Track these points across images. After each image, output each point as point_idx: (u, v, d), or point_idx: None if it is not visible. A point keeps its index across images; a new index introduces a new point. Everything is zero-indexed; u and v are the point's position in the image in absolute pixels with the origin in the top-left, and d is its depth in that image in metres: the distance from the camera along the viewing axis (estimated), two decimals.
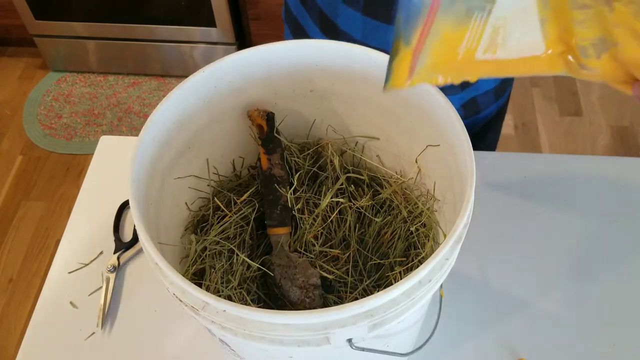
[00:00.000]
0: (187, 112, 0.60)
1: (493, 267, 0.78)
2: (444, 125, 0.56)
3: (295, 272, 0.62)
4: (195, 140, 0.63)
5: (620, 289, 0.76)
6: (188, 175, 0.64)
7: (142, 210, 0.52)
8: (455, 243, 0.49)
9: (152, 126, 0.56)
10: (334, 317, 0.44)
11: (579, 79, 2.16)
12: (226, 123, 0.66)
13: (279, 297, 0.62)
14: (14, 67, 2.27)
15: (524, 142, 1.97)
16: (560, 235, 0.81)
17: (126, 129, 2.06)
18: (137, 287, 0.79)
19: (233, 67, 0.61)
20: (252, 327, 0.45)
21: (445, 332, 0.72)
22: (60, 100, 2.15)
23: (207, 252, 0.63)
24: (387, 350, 0.54)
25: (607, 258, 0.79)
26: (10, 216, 1.83)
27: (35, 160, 1.97)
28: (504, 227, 0.82)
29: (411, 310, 0.48)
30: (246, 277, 0.64)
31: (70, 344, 0.74)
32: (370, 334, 0.47)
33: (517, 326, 0.73)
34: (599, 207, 0.83)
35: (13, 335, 1.59)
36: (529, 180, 0.86)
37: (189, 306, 0.47)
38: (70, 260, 0.81)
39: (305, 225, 0.65)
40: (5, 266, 1.72)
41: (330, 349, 0.48)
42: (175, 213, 0.63)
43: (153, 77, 2.21)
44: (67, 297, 0.78)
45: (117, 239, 0.82)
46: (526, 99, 2.09)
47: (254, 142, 0.70)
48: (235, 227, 0.66)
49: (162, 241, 0.57)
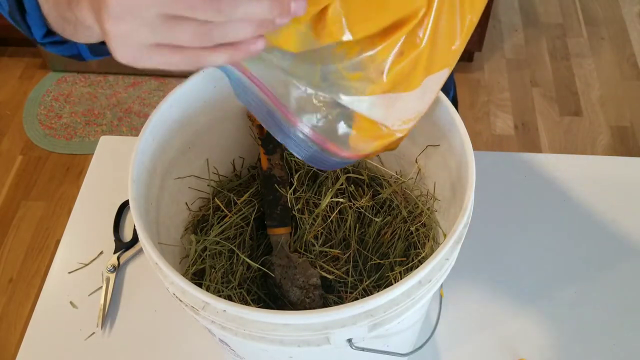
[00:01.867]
0: (187, 112, 0.60)
1: (493, 267, 0.78)
2: (444, 126, 0.56)
3: (295, 273, 0.62)
4: (196, 140, 0.63)
5: (620, 289, 0.76)
6: (188, 176, 0.64)
7: (142, 210, 0.52)
8: (455, 243, 0.49)
9: (152, 126, 0.56)
10: (334, 317, 0.44)
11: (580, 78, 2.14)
12: (226, 123, 0.66)
13: (279, 297, 0.62)
14: (14, 67, 2.26)
15: (524, 142, 1.97)
16: (560, 235, 0.81)
17: (126, 129, 2.06)
18: (137, 287, 0.79)
19: None
20: (252, 327, 0.45)
21: (445, 332, 0.72)
22: (60, 100, 2.15)
23: (207, 252, 0.63)
24: (387, 350, 0.54)
25: (607, 258, 0.79)
26: (10, 216, 1.83)
27: (35, 160, 1.97)
28: (504, 227, 0.82)
29: (411, 310, 0.48)
30: (246, 277, 0.64)
31: (70, 344, 0.74)
32: (370, 334, 0.47)
33: (517, 326, 0.73)
34: (599, 207, 0.83)
35: (13, 335, 1.59)
36: (529, 180, 0.86)
37: (189, 306, 0.47)
38: (70, 260, 0.81)
39: (305, 226, 0.65)
40: (5, 266, 1.72)
41: (330, 349, 0.48)
42: (175, 213, 0.63)
43: (153, 77, 2.21)
44: (67, 297, 0.78)
45: (117, 239, 0.82)
46: (526, 99, 2.09)
47: (254, 143, 0.70)
48: (235, 227, 0.66)
49: (162, 241, 0.57)
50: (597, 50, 2.23)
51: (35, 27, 0.50)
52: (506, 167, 0.88)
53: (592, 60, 2.20)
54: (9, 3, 0.50)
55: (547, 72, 2.17)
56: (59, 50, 0.54)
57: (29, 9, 0.49)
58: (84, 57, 0.56)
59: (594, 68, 2.17)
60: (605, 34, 2.28)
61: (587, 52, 2.23)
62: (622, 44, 2.25)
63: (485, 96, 2.11)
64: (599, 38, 2.27)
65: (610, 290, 0.76)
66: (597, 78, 2.14)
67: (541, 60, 2.21)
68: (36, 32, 0.51)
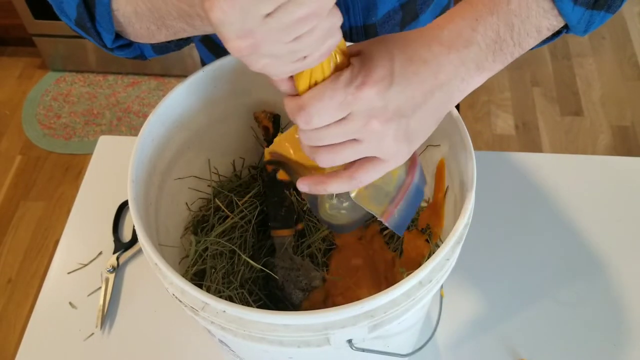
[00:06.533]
0: (186, 112, 0.60)
1: (493, 267, 0.78)
2: (445, 125, 0.56)
3: (298, 275, 0.61)
4: (195, 141, 0.63)
5: (621, 289, 0.76)
6: (188, 176, 0.64)
7: (142, 211, 0.52)
8: (456, 244, 0.49)
9: (151, 126, 0.56)
10: (334, 318, 0.44)
11: (580, 78, 2.14)
12: (226, 123, 0.66)
13: (281, 299, 0.62)
14: (13, 66, 2.26)
15: (524, 142, 1.97)
16: (561, 235, 0.81)
17: (125, 129, 2.05)
18: (137, 287, 0.78)
19: (233, 67, 0.60)
20: (252, 327, 0.45)
21: (445, 332, 0.72)
22: (60, 100, 2.15)
23: (208, 252, 0.63)
24: (387, 351, 0.54)
25: (608, 258, 0.79)
26: (9, 216, 1.82)
27: (34, 160, 1.97)
28: (504, 227, 0.81)
29: (411, 311, 0.47)
30: (247, 278, 0.64)
31: (69, 345, 0.74)
32: (371, 334, 0.47)
33: (517, 326, 0.73)
34: (600, 207, 0.83)
35: (12, 335, 1.59)
36: (529, 180, 0.86)
37: (189, 307, 0.46)
38: (70, 260, 0.81)
39: (310, 228, 0.65)
40: (4, 266, 1.72)
41: (330, 350, 0.47)
42: (175, 213, 0.63)
43: (152, 77, 2.21)
44: (66, 297, 0.78)
45: (117, 239, 0.82)
46: (527, 99, 2.09)
47: (254, 143, 0.69)
48: (236, 228, 0.65)
49: (162, 241, 0.57)
50: (598, 50, 2.23)
51: (105, 33, 0.52)
52: (506, 167, 0.87)
53: (593, 60, 2.20)
54: (78, 12, 0.52)
55: (548, 72, 2.17)
56: (125, 53, 0.57)
57: (99, 17, 0.51)
58: (146, 56, 0.58)
59: (594, 68, 2.17)
60: (606, 33, 2.28)
61: (588, 51, 2.22)
62: (623, 43, 2.24)
63: (485, 96, 2.10)
64: (600, 38, 2.27)
65: (610, 290, 0.76)
66: (598, 78, 2.14)
67: (542, 59, 2.21)
68: (106, 38, 0.53)
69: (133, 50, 0.56)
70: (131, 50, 0.56)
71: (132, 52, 0.57)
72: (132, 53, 0.57)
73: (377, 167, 0.44)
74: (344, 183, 0.44)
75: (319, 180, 0.45)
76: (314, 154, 0.43)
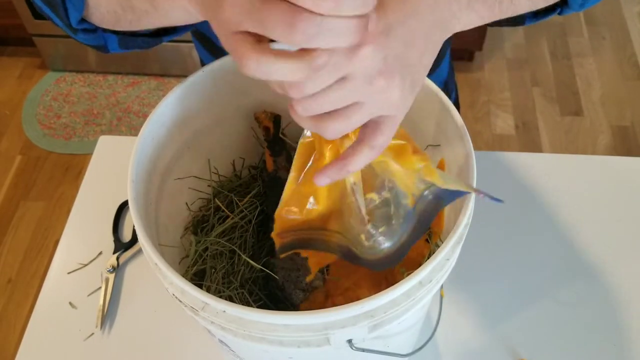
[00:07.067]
0: (186, 112, 0.60)
1: (493, 267, 0.78)
2: (444, 125, 0.56)
3: (298, 275, 0.61)
4: (195, 141, 0.63)
5: (621, 289, 0.76)
6: (188, 176, 0.64)
7: (142, 211, 0.52)
8: (456, 243, 0.49)
9: (151, 126, 0.56)
10: (334, 318, 0.44)
11: (580, 78, 2.14)
12: (227, 123, 0.65)
13: (281, 299, 0.62)
14: (13, 66, 2.26)
15: (524, 142, 1.97)
16: (561, 235, 0.81)
17: (125, 129, 2.05)
18: (137, 287, 0.78)
19: (233, 67, 0.60)
20: (252, 327, 0.45)
21: (445, 332, 0.72)
22: (59, 100, 2.15)
23: (208, 252, 0.63)
24: (387, 351, 0.54)
25: (608, 258, 0.79)
26: (9, 216, 1.83)
27: (34, 160, 1.97)
28: (504, 227, 0.81)
29: (411, 311, 0.47)
30: (248, 278, 0.63)
31: (69, 345, 0.74)
32: (371, 334, 0.47)
33: (517, 326, 0.73)
34: (600, 207, 0.83)
35: (12, 335, 1.59)
36: (529, 180, 0.86)
37: (189, 307, 0.46)
38: (70, 260, 0.81)
39: None
40: (4, 266, 1.72)
41: (330, 350, 0.47)
42: (175, 213, 0.63)
43: (152, 77, 2.21)
44: (66, 297, 0.78)
45: (117, 239, 0.82)
46: (527, 99, 2.09)
47: (254, 143, 0.69)
48: (236, 228, 0.65)
49: (162, 241, 0.57)
50: (598, 50, 2.23)
51: (72, 10, 0.50)
52: (506, 167, 0.87)
53: (593, 59, 2.20)
54: None
55: (548, 72, 2.17)
56: (87, 39, 0.54)
57: None
58: (109, 49, 0.57)
59: (594, 68, 2.17)
60: (606, 33, 2.28)
61: (588, 51, 2.23)
62: (623, 43, 2.25)
63: (485, 96, 2.10)
64: (599, 38, 2.27)
65: (610, 290, 0.76)
66: (597, 78, 2.14)
67: (542, 59, 2.21)
68: (72, 15, 0.50)
69: (97, 37, 0.54)
70: (94, 37, 0.54)
71: (95, 40, 0.55)
72: (95, 40, 0.55)
73: (390, 124, 0.41)
74: (366, 153, 0.41)
75: (337, 164, 0.42)
76: (318, 127, 0.40)
